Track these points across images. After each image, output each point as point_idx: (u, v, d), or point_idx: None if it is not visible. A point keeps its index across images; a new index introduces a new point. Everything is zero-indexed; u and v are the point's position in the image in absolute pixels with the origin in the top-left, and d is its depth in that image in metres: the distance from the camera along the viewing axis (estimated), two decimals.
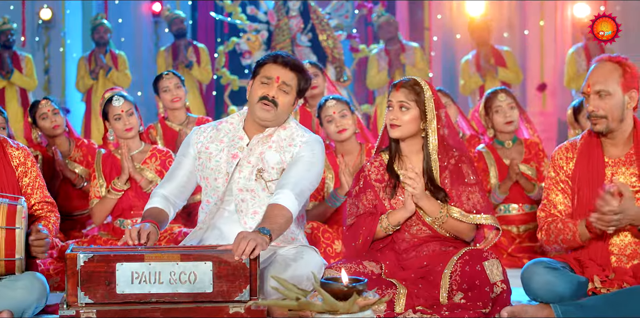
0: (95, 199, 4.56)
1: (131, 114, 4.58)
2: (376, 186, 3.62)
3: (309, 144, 3.54)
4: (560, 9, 10.15)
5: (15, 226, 3.22)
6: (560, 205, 3.52)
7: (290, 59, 3.57)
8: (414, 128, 3.56)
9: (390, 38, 8.80)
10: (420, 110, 3.54)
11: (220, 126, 3.68)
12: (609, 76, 3.40)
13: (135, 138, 4.64)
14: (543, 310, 3.25)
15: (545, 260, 3.43)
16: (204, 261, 3.06)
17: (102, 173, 4.61)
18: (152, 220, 3.42)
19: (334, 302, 2.27)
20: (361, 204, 3.61)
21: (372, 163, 3.67)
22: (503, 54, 8.90)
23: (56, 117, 5.17)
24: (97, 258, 3.05)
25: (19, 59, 8.83)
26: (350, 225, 3.61)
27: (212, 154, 3.60)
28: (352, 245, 3.58)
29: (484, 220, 3.54)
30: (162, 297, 3.06)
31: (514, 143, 5.14)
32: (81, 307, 3.03)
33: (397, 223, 3.53)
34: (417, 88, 3.56)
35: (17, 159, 3.58)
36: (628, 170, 3.44)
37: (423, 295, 3.36)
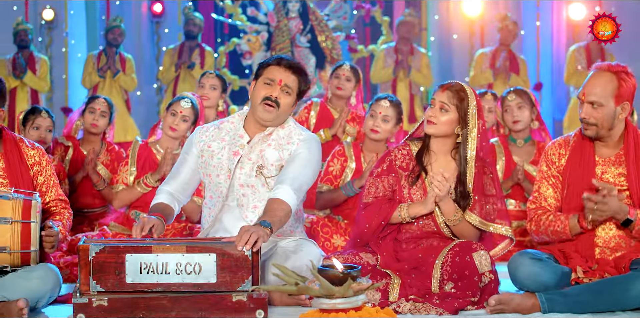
0: (121, 185, 4.80)
1: (185, 121, 4.81)
2: (400, 172, 3.79)
3: (306, 142, 3.74)
4: (556, 10, 10.32)
5: (31, 220, 3.43)
6: (550, 199, 3.71)
7: (293, 63, 3.77)
8: (449, 130, 3.73)
9: (407, 38, 8.96)
10: (458, 115, 3.71)
11: (221, 125, 3.88)
12: (604, 88, 3.54)
13: (176, 141, 4.87)
14: (529, 298, 3.43)
15: (531, 251, 3.62)
16: (209, 253, 3.27)
17: (135, 161, 4.84)
18: (159, 213, 3.64)
19: (330, 287, 2.47)
20: (382, 185, 3.78)
21: (399, 150, 3.84)
22: (519, 61, 9.07)
23: (100, 118, 5.33)
24: (107, 249, 3.27)
25: (35, 60, 9.00)
26: (367, 204, 3.77)
27: (214, 152, 3.81)
28: (365, 226, 3.74)
29: (503, 230, 3.72)
30: (169, 287, 3.27)
31: (526, 142, 5.33)
32: (93, 295, 3.25)
33: (414, 216, 3.71)
34: (462, 94, 3.71)
35: (32, 158, 3.77)
36: (617, 170, 3.63)
37: (416, 285, 3.56)
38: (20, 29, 8.99)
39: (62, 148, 5.31)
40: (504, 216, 3.76)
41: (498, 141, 5.36)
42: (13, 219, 3.40)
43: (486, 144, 3.78)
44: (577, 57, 8.99)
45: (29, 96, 8.99)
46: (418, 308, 3.43)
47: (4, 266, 3.44)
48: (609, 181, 3.58)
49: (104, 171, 5.25)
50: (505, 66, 8.90)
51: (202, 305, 3.25)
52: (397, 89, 8.92)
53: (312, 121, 5.69)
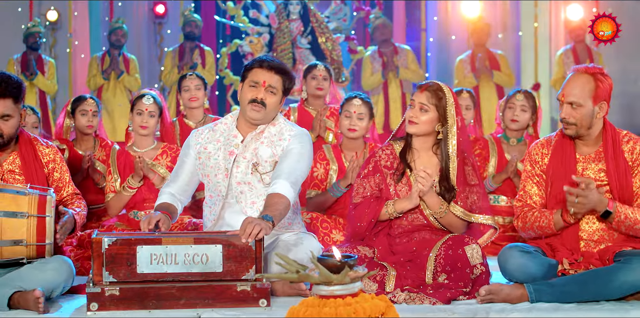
0: (111, 194, 4.98)
1: (152, 116, 5.01)
2: (384, 171, 4.01)
3: (297, 137, 3.96)
4: (553, 11, 10.50)
5: (46, 215, 3.65)
6: (535, 196, 3.92)
7: (275, 63, 3.98)
8: (429, 128, 3.95)
9: (384, 40, 9.18)
10: (438, 114, 3.92)
11: (215, 127, 4.10)
12: (582, 89, 3.76)
13: (149, 137, 5.06)
14: (517, 289, 3.65)
15: (520, 244, 3.83)
16: (215, 244, 3.50)
17: (116, 168, 5.03)
18: (164, 210, 3.86)
19: (329, 275, 2.67)
20: (368, 185, 4.00)
21: (383, 150, 4.06)
22: (497, 57, 9.29)
23: (94, 118, 5.52)
24: (120, 241, 3.49)
25: (43, 62, 9.22)
26: (356, 204, 3.99)
27: (210, 154, 4.02)
28: (357, 225, 3.96)
29: (484, 220, 3.94)
30: (178, 276, 3.49)
31: (519, 142, 5.53)
32: (106, 285, 3.47)
33: (401, 211, 3.93)
34: (440, 94, 3.93)
35: (47, 156, 4.00)
36: (597, 166, 3.84)
37: (411, 276, 3.77)
38: (34, 31, 9.20)
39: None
40: (485, 208, 3.97)
41: (492, 139, 5.56)
42: (29, 213, 3.63)
43: (464, 139, 3.99)
44: (565, 60, 9.24)
45: (37, 97, 9.20)
46: (413, 298, 3.64)
47: (20, 258, 3.66)
48: (589, 176, 3.79)
49: (102, 167, 5.43)
50: (485, 65, 9.10)
51: (208, 294, 3.48)
52: (389, 90, 9.13)
53: None
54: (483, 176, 5.39)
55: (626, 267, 3.58)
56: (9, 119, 3.81)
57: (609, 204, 3.66)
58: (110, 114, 9.20)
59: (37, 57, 9.24)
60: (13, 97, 3.82)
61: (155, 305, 3.46)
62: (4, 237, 3.59)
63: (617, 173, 3.78)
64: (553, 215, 3.80)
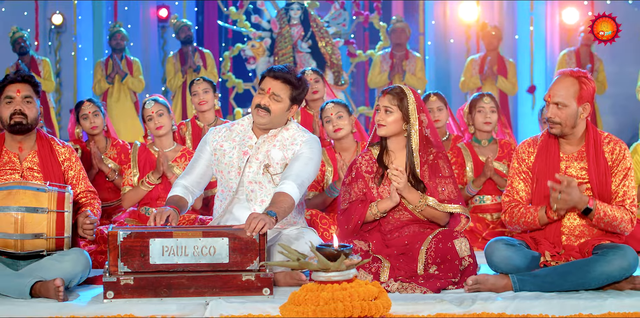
0: (128, 186, 5.33)
1: (161, 115, 5.33)
2: (366, 176, 4.34)
3: (308, 143, 4.29)
4: (549, 15, 10.82)
5: (65, 210, 3.97)
6: (521, 192, 4.24)
7: (281, 73, 4.28)
8: (397, 128, 4.28)
9: (399, 44, 9.52)
10: (402, 113, 4.26)
11: (232, 127, 4.43)
12: (567, 90, 4.07)
13: (168, 137, 5.37)
14: (502, 279, 3.97)
15: (505, 238, 4.15)
16: (222, 237, 3.82)
17: (137, 163, 5.37)
18: (174, 205, 4.19)
19: (327, 262, 3.00)
20: (353, 191, 4.34)
21: (363, 157, 4.40)
22: (507, 64, 9.62)
23: (95, 118, 5.83)
24: (134, 234, 3.81)
25: (37, 62, 9.52)
26: (344, 210, 4.33)
27: (226, 151, 4.35)
28: (345, 228, 4.30)
29: (454, 209, 4.25)
30: (187, 267, 3.81)
31: (489, 142, 5.84)
32: (121, 274, 3.78)
33: (384, 211, 4.25)
34: (401, 94, 4.26)
35: (63, 155, 4.34)
36: (579, 164, 4.16)
37: (403, 268, 4.10)
38: (17, 37, 9.46)
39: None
40: (458, 198, 4.27)
41: (464, 145, 5.83)
42: (49, 209, 3.95)
43: (434, 134, 4.29)
44: (568, 61, 9.54)
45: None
46: (405, 287, 3.96)
47: (41, 250, 3.98)
48: (572, 174, 4.11)
49: (113, 164, 5.75)
50: (492, 69, 9.42)
51: (216, 283, 3.79)
52: None
53: None
54: (463, 181, 5.71)
55: (603, 259, 3.90)
56: (31, 101, 4.15)
57: (590, 202, 3.97)
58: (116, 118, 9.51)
59: (30, 60, 9.52)
60: (30, 84, 4.19)
61: (167, 293, 3.78)
62: (25, 231, 3.91)
63: (597, 171, 4.09)
64: (538, 212, 4.11)
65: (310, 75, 6.25)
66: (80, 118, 5.87)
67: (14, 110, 4.17)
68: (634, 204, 4.10)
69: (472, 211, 5.69)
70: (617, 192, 4.09)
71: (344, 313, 2.92)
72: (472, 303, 3.73)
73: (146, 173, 5.30)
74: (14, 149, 4.28)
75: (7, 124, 4.20)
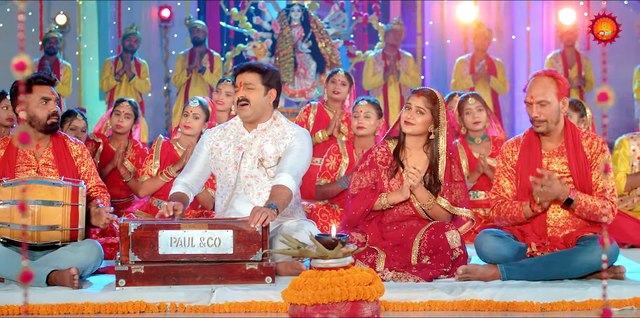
0: (146, 176, 5.64)
1: (196, 118, 5.63)
2: (380, 167, 4.58)
3: (298, 136, 4.56)
4: (545, 15, 11.09)
5: (79, 203, 4.24)
6: (507, 189, 4.51)
7: (244, 65, 4.61)
8: (424, 129, 4.51)
9: (393, 45, 9.79)
10: (432, 116, 4.48)
11: (226, 126, 4.72)
12: (547, 88, 4.35)
13: (194, 138, 5.66)
14: (491, 268, 4.24)
15: (494, 230, 4.42)
16: (226, 229, 4.09)
17: (159, 155, 5.67)
18: (177, 200, 4.46)
19: (325, 250, 3.25)
20: (365, 179, 4.57)
21: (379, 148, 4.63)
22: (496, 64, 9.87)
23: (126, 120, 6.09)
24: (144, 226, 4.08)
25: (59, 66, 9.83)
26: (353, 195, 4.56)
27: (222, 149, 4.63)
28: (352, 213, 4.53)
29: (464, 212, 4.51)
30: (194, 257, 4.08)
31: (483, 139, 6.11)
32: (132, 264, 4.06)
33: (392, 203, 4.50)
34: (434, 98, 4.49)
35: (75, 152, 4.62)
36: (560, 160, 4.43)
37: (398, 259, 4.36)
38: (51, 36, 9.78)
39: (93, 144, 6.11)
40: (466, 202, 4.55)
41: (459, 143, 6.09)
42: (64, 202, 4.22)
43: (451, 140, 4.56)
44: (554, 63, 9.83)
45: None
46: (399, 276, 4.24)
47: (56, 241, 4.25)
48: (554, 169, 4.37)
49: (130, 165, 6.03)
50: (484, 70, 9.68)
51: (221, 272, 4.07)
52: (388, 93, 9.71)
53: (310, 122, 6.46)
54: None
55: (585, 250, 4.17)
56: (57, 103, 4.44)
57: (571, 193, 4.25)
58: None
59: (54, 61, 9.83)
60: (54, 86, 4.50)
61: (175, 281, 4.06)
62: (42, 223, 4.18)
63: (577, 165, 4.36)
64: (522, 206, 4.38)
65: (340, 76, 6.49)
66: (114, 112, 6.15)
67: (52, 112, 4.44)
68: (614, 194, 4.37)
69: None
70: (597, 184, 4.36)
71: (340, 296, 3.17)
72: (462, 291, 4.00)
73: (165, 167, 5.61)
74: (30, 147, 4.55)
75: (43, 123, 4.46)
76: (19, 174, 4.47)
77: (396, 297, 3.95)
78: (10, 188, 4.19)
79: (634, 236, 5.48)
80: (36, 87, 4.48)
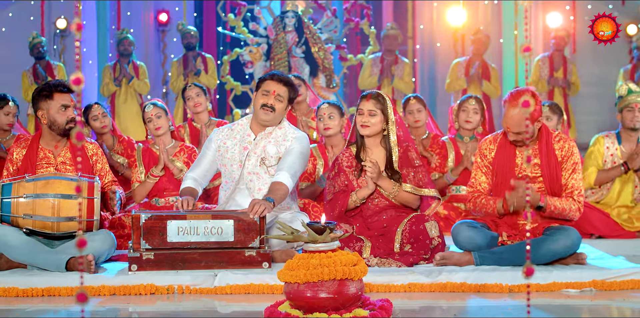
0: (137, 183, 6.13)
1: (159, 117, 6.14)
2: (347, 170, 5.15)
3: (298, 139, 5.12)
4: (533, 19, 11.57)
5: (94, 197, 4.79)
6: (483, 183, 5.04)
7: (284, 77, 5.17)
8: (379, 128, 5.09)
9: (390, 50, 10.28)
10: (383, 115, 5.07)
11: (233, 127, 5.27)
12: (521, 119, 4.65)
13: (167, 135, 6.17)
14: (465, 255, 4.78)
15: (469, 221, 4.95)
16: (228, 219, 4.63)
17: (142, 162, 6.17)
18: (189, 194, 5.01)
19: (315, 235, 3.79)
20: (336, 184, 5.14)
21: (343, 154, 5.20)
22: (490, 69, 10.36)
23: (104, 119, 6.62)
24: (154, 217, 4.63)
25: (52, 68, 10.28)
26: (329, 200, 5.14)
27: (228, 148, 5.19)
28: (330, 214, 5.11)
29: (429, 192, 5.07)
30: (199, 244, 4.62)
31: (471, 139, 6.67)
32: (143, 251, 4.60)
33: (362, 198, 5.06)
34: (381, 99, 5.07)
35: (91, 150, 5.17)
36: (533, 161, 4.94)
37: (382, 247, 4.91)
38: (36, 42, 10.20)
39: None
40: (430, 183, 5.09)
41: (448, 139, 6.69)
42: (81, 196, 4.78)
43: (404, 132, 5.09)
44: (541, 66, 10.36)
45: None
46: (383, 262, 4.79)
47: (74, 231, 4.79)
48: (526, 169, 4.92)
49: (122, 159, 6.55)
50: (478, 73, 10.21)
51: (223, 258, 4.61)
52: None
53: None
54: (444, 170, 6.58)
55: (550, 239, 4.71)
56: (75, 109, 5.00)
57: (541, 199, 4.76)
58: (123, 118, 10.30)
59: (45, 64, 10.28)
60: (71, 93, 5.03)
61: (182, 266, 4.60)
62: (61, 214, 4.72)
63: (548, 166, 4.87)
64: (496, 204, 4.88)
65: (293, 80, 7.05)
66: (90, 119, 6.61)
67: (70, 117, 4.98)
68: (581, 194, 4.89)
69: (448, 200, 6.56)
70: (567, 184, 4.86)
71: (329, 275, 3.68)
72: (439, 275, 4.55)
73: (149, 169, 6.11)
74: (49, 147, 5.09)
75: (62, 128, 5.00)
76: (40, 171, 5.01)
77: (380, 280, 4.50)
78: (32, 183, 4.74)
79: (600, 227, 6.07)
80: (57, 95, 5.01)
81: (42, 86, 5.08)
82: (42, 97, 5.02)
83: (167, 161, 6.01)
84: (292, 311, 3.68)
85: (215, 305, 4.25)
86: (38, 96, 5.04)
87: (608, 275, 4.56)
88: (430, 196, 5.11)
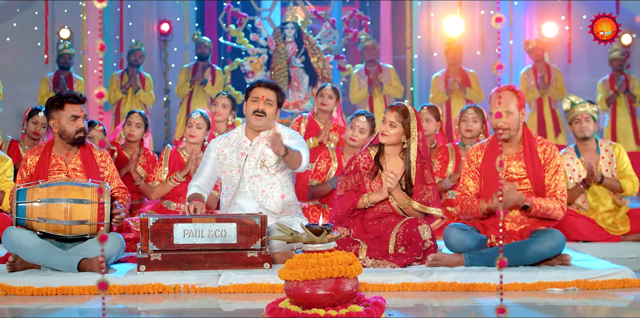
0: (157, 181, 6.46)
1: (199, 128, 6.45)
2: (362, 171, 5.40)
3: (293, 134, 5.43)
4: (528, 29, 11.85)
5: (104, 201, 5.09)
6: (471, 187, 5.34)
7: (269, 82, 5.49)
8: (397, 140, 5.33)
9: (371, 60, 10.55)
10: (404, 129, 5.29)
11: (229, 135, 5.59)
12: (511, 101, 5.16)
13: (198, 146, 6.49)
14: (456, 256, 5.07)
15: (459, 224, 5.24)
16: (231, 222, 4.93)
17: (167, 162, 6.50)
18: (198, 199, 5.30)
19: (313, 236, 4.07)
20: (349, 181, 5.39)
21: (362, 154, 5.45)
22: (469, 75, 10.60)
23: (137, 129, 6.93)
24: (161, 220, 4.93)
25: (73, 80, 10.55)
26: (340, 196, 5.39)
27: (227, 155, 5.50)
28: (339, 211, 5.35)
29: (435, 211, 5.32)
30: (203, 246, 4.91)
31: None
32: (151, 252, 4.89)
33: (373, 202, 5.34)
34: (406, 113, 5.29)
35: (99, 158, 5.47)
36: (518, 163, 5.25)
37: (377, 249, 5.20)
38: (65, 52, 10.48)
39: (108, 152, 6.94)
40: (437, 202, 5.36)
41: (451, 146, 7.00)
42: (92, 200, 5.07)
43: (424, 148, 5.33)
44: (527, 77, 10.69)
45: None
46: (378, 263, 5.09)
47: (85, 234, 5.08)
48: (512, 172, 5.20)
49: (141, 171, 6.85)
50: (458, 82, 10.44)
51: (226, 259, 4.91)
52: (374, 104, 10.47)
53: (302, 131, 7.31)
54: (444, 176, 6.87)
55: (536, 241, 5.01)
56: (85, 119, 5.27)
57: (527, 199, 5.07)
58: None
59: (68, 76, 10.60)
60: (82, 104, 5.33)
61: (187, 267, 4.89)
62: (73, 218, 5.01)
63: (532, 168, 5.19)
64: (479, 205, 5.16)
65: (328, 90, 7.36)
66: (126, 123, 6.97)
67: (80, 128, 5.29)
68: (564, 194, 5.20)
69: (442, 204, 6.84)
70: (550, 184, 5.17)
71: (326, 274, 3.94)
72: (430, 275, 4.85)
73: (173, 172, 6.41)
74: (61, 154, 5.39)
75: (72, 137, 5.30)
76: (52, 178, 5.31)
77: (375, 280, 4.80)
78: (46, 188, 5.04)
79: (585, 233, 6.38)
80: (67, 106, 5.32)
81: (54, 97, 5.38)
82: (53, 107, 5.32)
83: (192, 171, 6.31)
84: (292, 307, 3.93)
85: (219, 304, 4.52)
86: (50, 105, 5.34)
87: (590, 275, 4.86)
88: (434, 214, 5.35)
